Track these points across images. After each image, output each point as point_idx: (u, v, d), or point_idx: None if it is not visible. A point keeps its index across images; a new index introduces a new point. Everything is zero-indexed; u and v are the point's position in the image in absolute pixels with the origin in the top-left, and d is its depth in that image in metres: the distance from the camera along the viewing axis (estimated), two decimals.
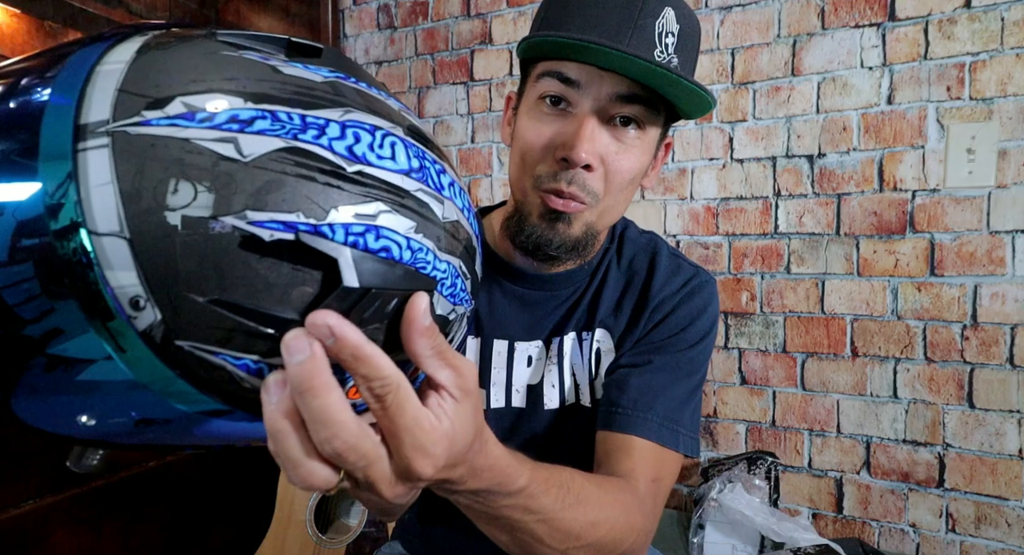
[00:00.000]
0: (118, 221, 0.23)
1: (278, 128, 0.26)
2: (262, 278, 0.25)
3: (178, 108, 0.25)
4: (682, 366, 0.64)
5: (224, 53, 0.28)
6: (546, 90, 0.58)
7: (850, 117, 1.37)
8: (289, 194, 0.25)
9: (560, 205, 0.57)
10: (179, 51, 0.27)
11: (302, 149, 0.26)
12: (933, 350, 1.31)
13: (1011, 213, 1.25)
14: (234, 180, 0.25)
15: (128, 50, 0.26)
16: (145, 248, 0.24)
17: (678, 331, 0.65)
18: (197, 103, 0.25)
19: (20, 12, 1.29)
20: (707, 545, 1.31)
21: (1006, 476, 1.26)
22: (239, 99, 0.26)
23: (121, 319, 0.24)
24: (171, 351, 0.25)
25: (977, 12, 1.26)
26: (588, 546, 0.47)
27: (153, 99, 0.25)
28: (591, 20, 0.54)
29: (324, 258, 0.26)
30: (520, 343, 0.68)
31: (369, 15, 1.93)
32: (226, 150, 0.25)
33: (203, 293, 0.25)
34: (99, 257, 0.23)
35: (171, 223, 0.24)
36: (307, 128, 0.27)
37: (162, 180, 0.24)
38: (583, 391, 0.67)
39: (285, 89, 0.27)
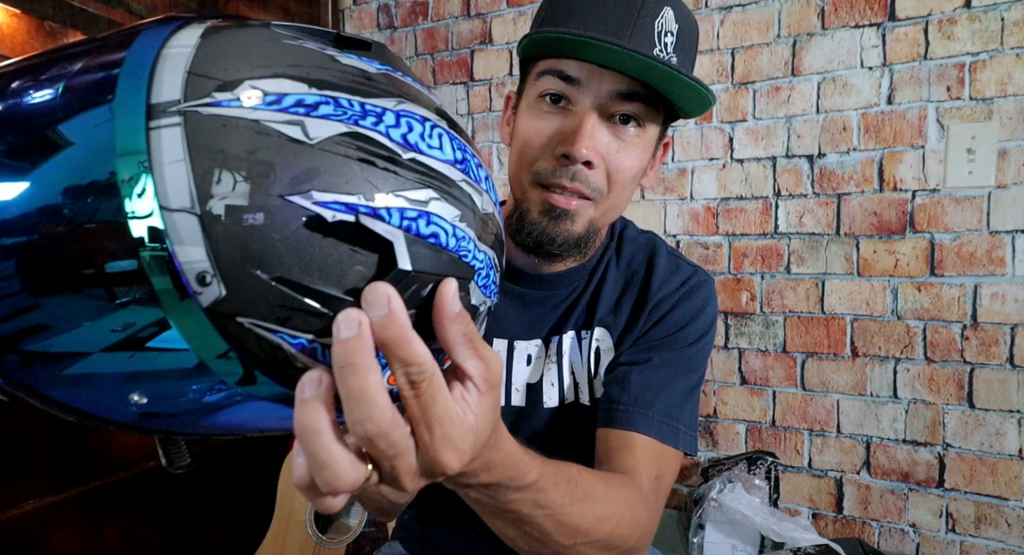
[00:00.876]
0: (190, 197, 0.24)
1: (340, 114, 0.27)
2: (323, 258, 0.26)
3: (248, 92, 0.26)
4: (682, 364, 0.64)
5: (285, 42, 0.29)
6: (546, 88, 0.58)
7: (850, 117, 1.37)
8: (351, 177, 0.26)
9: (562, 203, 0.57)
10: (242, 37, 0.28)
11: (363, 134, 0.27)
12: (933, 350, 1.31)
13: (1011, 213, 1.25)
14: (301, 161, 0.26)
15: (192, 35, 0.27)
16: (214, 224, 0.24)
17: (677, 329, 0.65)
18: (263, 86, 0.26)
19: (20, 12, 1.29)
20: (707, 545, 1.31)
21: (1006, 476, 1.26)
22: (304, 85, 0.27)
23: (188, 294, 0.25)
24: (232, 328, 0.25)
25: (977, 12, 1.26)
26: (595, 542, 0.47)
27: (223, 81, 0.26)
28: (591, 18, 0.54)
29: (381, 241, 0.27)
30: (520, 342, 0.68)
31: (369, 15, 1.93)
32: (294, 132, 0.26)
33: (268, 270, 0.25)
34: (170, 232, 0.24)
35: (240, 201, 0.25)
36: (366, 115, 0.28)
37: (234, 159, 0.25)
38: (582, 390, 0.67)
39: (344, 77, 0.28)
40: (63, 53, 0.28)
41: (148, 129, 0.24)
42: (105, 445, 1.30)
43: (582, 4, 0.55)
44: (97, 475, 1.28)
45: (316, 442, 0.26)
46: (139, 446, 1.37)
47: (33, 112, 0.26)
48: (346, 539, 1.40)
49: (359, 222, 0.26)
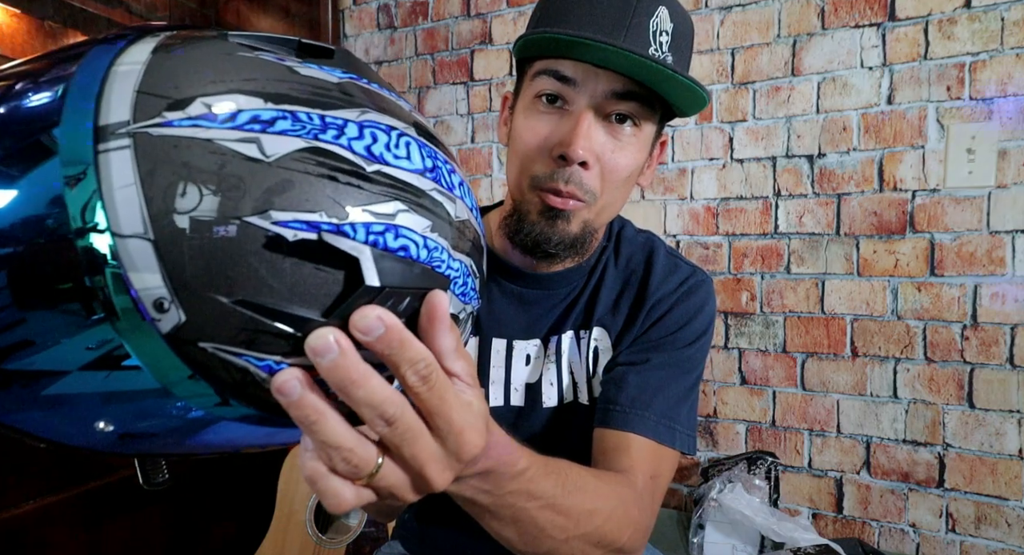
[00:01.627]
0: (142, 223, 0.23)
1: (299, 128, 0.26)
2: (286, 278, 0.25)
3: (199, 109, 0.25)
4: (679, 364, 0.64)
5: (240, 54, 0.28)
6: (542, 89, 0.58)
7: (850, 117, 1.37)
8: (312, 194, 0.26)
9: (559, 203, 0.58)
10: (195, 52, 0.27)
11: (323, 149, 0.26)
12: (933, 350, 1.31)
13: (1011, 213, 1.25)
14: (258, 180, 0.25)
15: (143, 51, 0.26)
16: (170, 249, 0.24)
17: (675, 330, 0.66)
18: (214, 102, 0.25)
19: (20, 12, 1.29)
20: (707, 545, 1.31)
21: (1006, 476, 1.26)
22: (259, 99, 0.26)
23: (145, 321, 0.24)
24: (195, 353, 0.25)
25: (977, 12, 1.26)
26: (587, 535, 0.47)
27: (173, 100, 0.25)
28: (586, 18, 0.54)
29: (346, 257, 0.26)
30: (518, 342, 0.68)
31: (369, 15, 1.93)
32: (249, 150, 0.25)
33: (228, 294, 0.25)
34: (123, 259, 0.23)
35: (196, 223, 0.24)
36: (327, 128, 0.27)
37: (186, 181, 0.24)
38: (581, 389, 0.67)
39: (303, 90, 0.27)
40: (19, 68, 0.27)
41: (96, 152, 0.24)
42: None
43: (577, 4, 0.55)
44: (97, 475, 1.28)
45: (324, 427, 0.27)
46: None
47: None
48: (346, 539, 1.40)
49: (322, 239, 0.26)
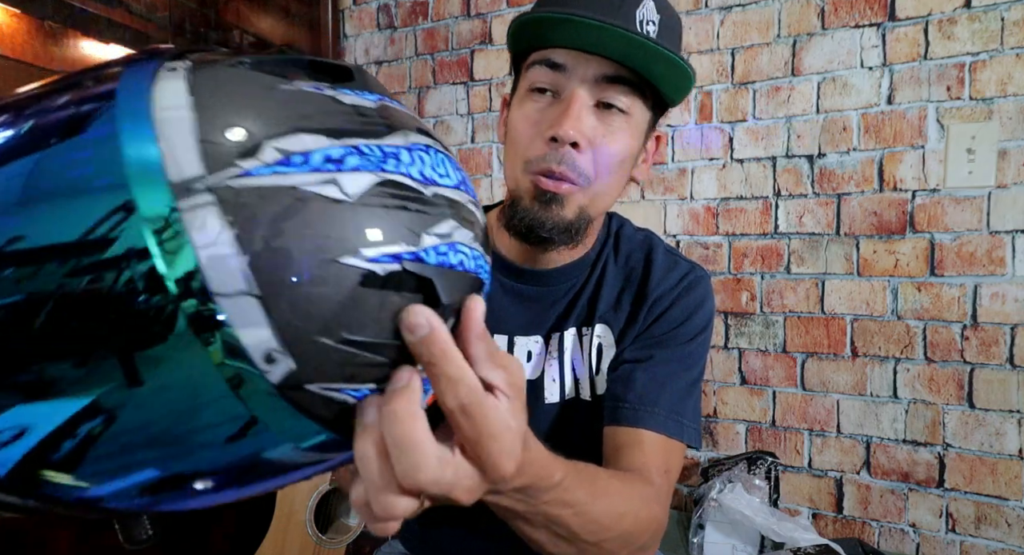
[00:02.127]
0: (244, 280, 0.23)
1: (366, 162, 0.26)
2: (377, 310, 0.26)
3: (273, 154, 0.24)
4: (682, 359, 0.65)
5: (281, 87, 0.27)
6: (535, 79, 0.59)
7: (850, 117, 1.37)
8: (392, 226, 0.26)
9: (552, 186, 0.58)
10: (234, 88, 0.26)
11: (391, 180, 0.27)
12: (933, 350, 1.31)
13: (1011, 213, 1.25)
14: (346, 221, 0.25)
15: (177, 92, 0.25)
16: (275, 301, 0.23)
17: (677, 325, 0.66)
18: (287, 146, 0.25)
19: (20, 12, 1.29)
20: (707, 545, 1.31)
21: (1006, 476, 1.26)
22: (323, 137, 0.26)
23: (256, 374, 0.24)
24: (300, 396, 0.25)
25: (977, 12, 1.26)
26: (617, 537, 0.48)
27: (243, 147, 0.24)
28: (575, 6, 0.56)
29: (423, 281, 0.27)
30: (520, 338, 0.69)
31: (369, 15, 1.93)
32: (332, 192, 0.25)
33: (332, 335, 0.25)
34: (229, 318, 0.23)
35: (297, 271, 0.24)
36: (387, 158, 0.27)
37: (285, 231, 0.24)
38: (583, 385, 0.68)
39: (354, 120, 0.27)
40: (31, 124, 0.25)
41: (180, 211, 0.22)
42: None
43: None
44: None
45: (369, 470, 0.27)
46: None
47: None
48: (346, 539, 1.40)
49: (404, 269, 0.26)
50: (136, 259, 0.22)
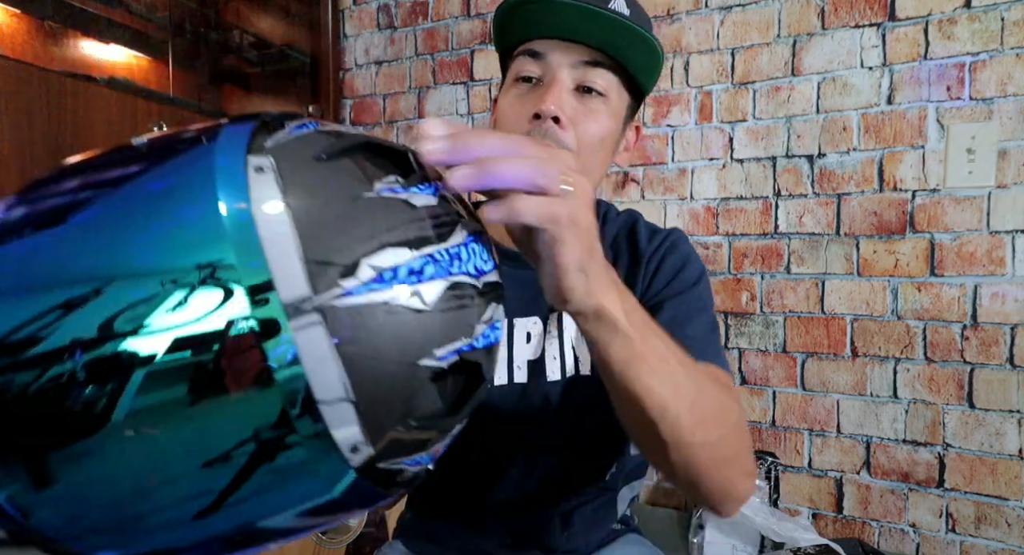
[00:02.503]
0: (343, 388, 0.26)
1: (439, 269, 0.30)
2: (439, 396, 0.31)
3: (368, 273, 0.27)
4: (693, 303, 0.66)
5: (365, 196, 0.29)
6: (519, 70, 0.63)
7: (850, 117, 1.37)
8: (457, 326, 0.30)
9: None
10: (325, 200, 0.28)
11: (457, 282, 0.31)
12: (933, 350, 1.31)
13: (1011, 213, 1.25)
14: (425, 328, 0.29)
15: (273, 204, 0.27)
16: (367, 405, 0.27)
17: (673, 276, 0.68)
18: (380, 263, 0.28)
19: (20, 12, 1.29)
20: (707, 545, 1.31)
21: (1006, 476, 1.26)
22: (406, 250, 0.29)
23: (341, 463, 0.28)
24: (371, 472, 0.29)
25: (977, 12, 1.26)
26: (714, 389, 0.50)
27: (343, 266, 0.27)
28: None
29: (475, 365, 0.32)
30: (519, 319, 0.70)
31: (369, 15, 1.93)
32: (416, 304, 0.29)
33: (406, 424, 0.29)
34: (326, 420, 0.26)
35: (385, 377, 0.28)
36: (452, 260, 0.31)
37: (377, 344, 0.27)
38: (583, 361, 0.69)
39: (427, 225, 0.31)
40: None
41: (293, 330, 0.25)
42: None
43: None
44: None
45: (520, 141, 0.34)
46: None
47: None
48: (346, 539, 1.40)
49: (463, 359, 0.31)
50: (260, 375, 0.25)
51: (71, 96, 1.21)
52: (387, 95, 1.91)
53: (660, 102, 1.55)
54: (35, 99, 1.15)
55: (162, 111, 1.39)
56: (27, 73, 1.14)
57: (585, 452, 0.68)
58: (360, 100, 1.96)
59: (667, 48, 1.54)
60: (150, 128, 1.36)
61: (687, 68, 1.52)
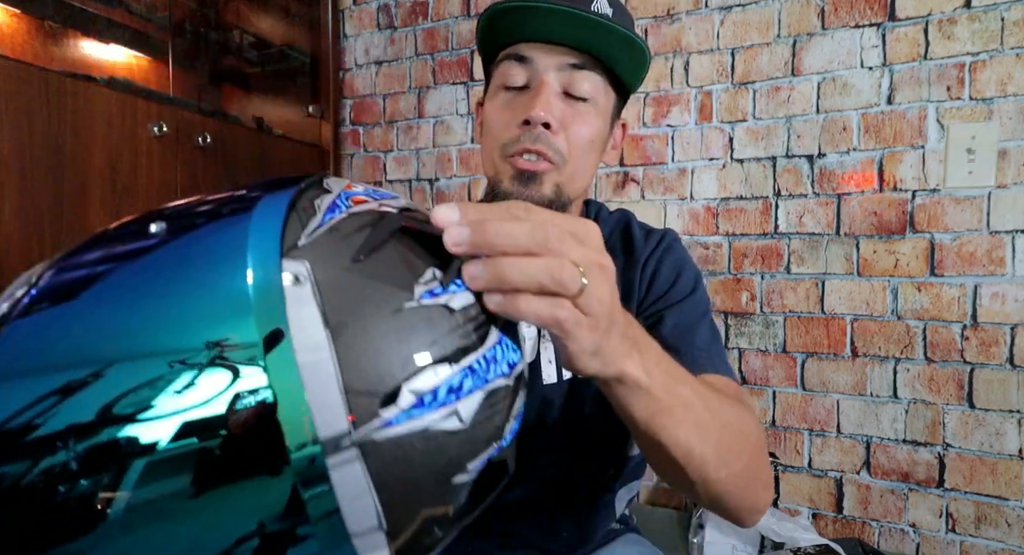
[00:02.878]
0: (377, 520, 0.26)
1: (477, 381, 0.29)
2: (466, 500, 0.30)
3: (409, 399, 0.26)
4: (694, 310, 0.66)
5: (407, 307, 0.28)
6: (505, 75, 0.63)
7: (850, 117, 1.37)
8: (490, 432, 0.30)
9: (529, 166, 0.61)
10: (366, 315, 0.27)
11: (492, 389, 0.30)
12: (933, 350, 1.31)
13: (1011, 213, 1.25)
14: (462, 445, 0.28)
15: (313, 325, 0.25)
16: (400, 534, 0.27)
17: (674, 280, 0.68)
18: (420, 386, 0.27)
19: (20, 12, 1.29)
20: (707, 545, 1.31)
21: (1006, 476, 1.26)
22: (446, 365, 0.28)
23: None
24: None
25: (977, 12, 1.26)
26: (737, 417, 0.49)
27: (383, 395, 0.26)
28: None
29: (500, 463, 0.31)
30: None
31: (369, 15, 1.93)
32: (452, 424, 0.28)
33: (430, 531, 0.29)
34: (359, 549, 0.26)
35: (419, 499, 0.28)
36: (489, 365, 0.30)
37: (413, 471, 0.27)
38: None
39: (467, 332, 0.30)
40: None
41: (327, 467, 0.24)
42: None
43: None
44: None
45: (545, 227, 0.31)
46: None
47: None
48: None
49: (492, 462, 0.30)
50: (292, 513, 0.24)
51: (71, 96, 1.21)
52: (387, 95, 1.91)
53: (660, 102, 1.55)
54: (35, 99, 1.15)
55: (162, 111, 1.39)
56: (27, 73, 1.14)
57: (582, 454, 0.68)
58: (360, 100, 1.96)
59: (667, 48, 1.54)
60: (150, 128, 1.36)
61: (687, 68, 1.52)
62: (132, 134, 1.33)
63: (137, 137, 1.34)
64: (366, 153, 1.96)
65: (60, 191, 1.19)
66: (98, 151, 1.26)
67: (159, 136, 1.37)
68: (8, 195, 1.11)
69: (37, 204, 1.15)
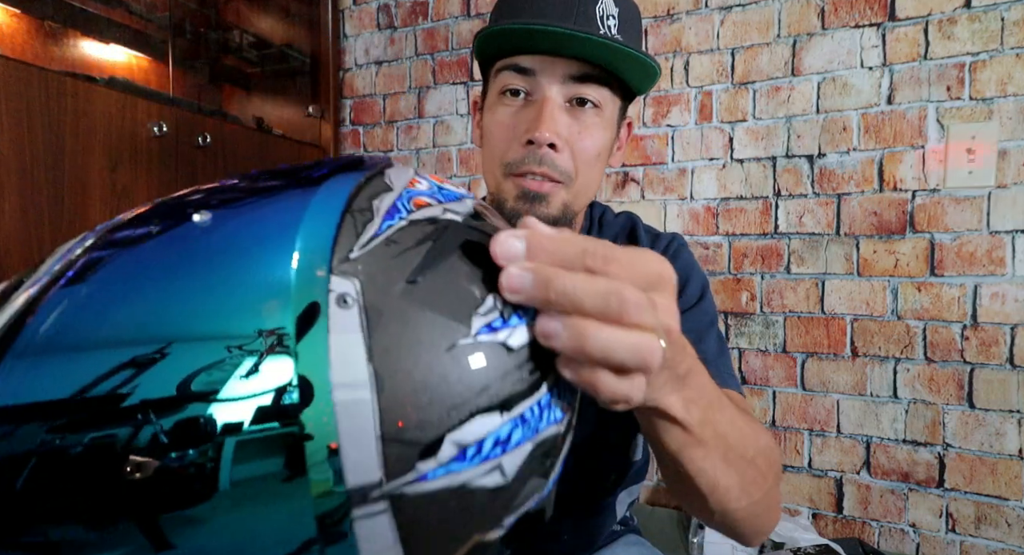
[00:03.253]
0: None
1: (526, 431, 0.26)
2: (497, 550, 0.27)
3: (450, 451, 0.24)
4: (703, 318, 0.66)
5: (461, 343, 0.25)
6: (505, 84, 0.61)
7: (850, 117, 1.37)
8: (534, 486, 0.27)
9: (535, 186, 0.59)
10: (416, 357, 0.24)
11: (542, 440, 0.27)
12: (933, 350, 1.31)
13: (1011, 213, 1.25)
14: (502, 502, 0.26)
15: (356, 357, 0.23)
16: None
17: (683, 287, 0.67)
18: (465, 437, 0.24)
19: (20, 12, 1.29)
20: (707, 545, 1.31)
21: (1006, 476, 1.26)
22: (496, 415, 0.25)
23: None
24: None
25: (977, 12, 1.26)
26: (761, 451, 0.48)
27: (423, 446, 0.23)
28: (537, 10, 0.57)
29: (539, 511, 0.28)
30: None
31: (369, 15, 1.93)
32: (494, 480, 0.25)
33: None
34: None
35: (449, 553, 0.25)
36: (542, 413, 0.27)
37: (446, 527, 0.25)
38: None
39: (522, 375, 0.26)
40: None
41: (352, 519, 0.22)
42: None
43: (528, 0, 0.58)
44: None
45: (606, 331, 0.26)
46: None
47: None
48: None
49: (529, 513, 0.27)
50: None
51: (71, 96, 1.21)
52: (387, 95, 1.91)
53: (660, 102, 1.55)
54: (35, 99, 1.15)
55: (162, 111, 1.39)
56: (27, 73, 1.14)
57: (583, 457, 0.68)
58: (360, 100, 1.96)
59: (667, 48, 1.54)
60: (150, 128, 1.36)
61: (687, 68, 1.52)
62: (132, 134, 1.33)
63: (137, 137, 1.34)
64: (366, 153, 1.96)
65: (60, 191, 1.19)
66: (98, 151, 1.26)
67: (159, 136, 1.37)
68: (8, 195, 1.11)
69: (37, 204, 1.15)
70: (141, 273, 0.25)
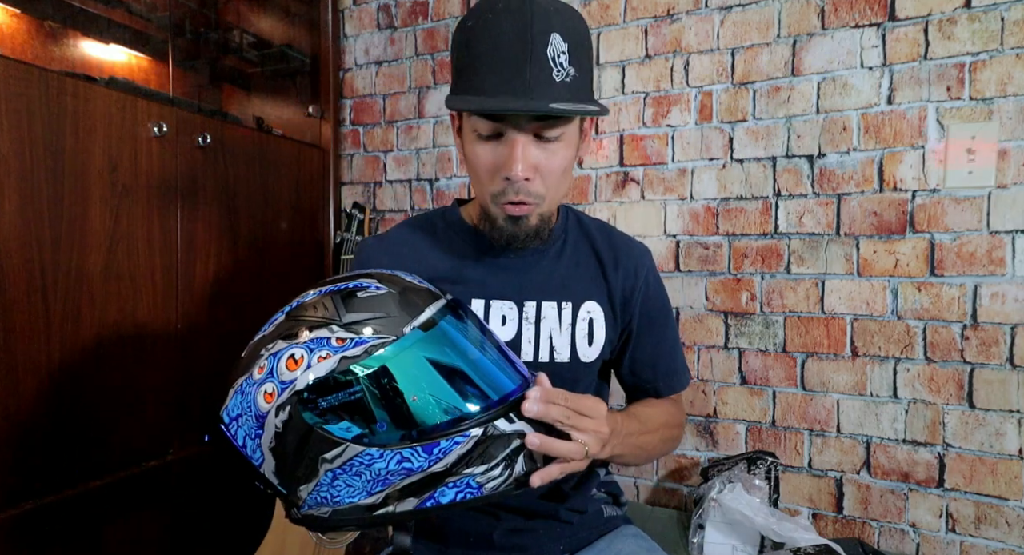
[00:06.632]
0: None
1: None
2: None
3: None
4: (665, 319, 0.91)
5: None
6: (478, 129, 0.71)
7: (850, 117, 1.37)
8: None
9: (517, 211, 0.74)
10: None
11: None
12: (933, 350, 1.31)
13: (1011, 213, 1.25)
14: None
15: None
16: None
17: (654, 298, 0.89)
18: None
19: (20, 12, 1.29)
20: (707, 545, 1.31)
21: (1006, 476, 1.26)
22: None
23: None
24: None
25: (977, 12, 1.26)
26: (668, 437, 0.87)
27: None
28: (493, 65, 0.66)
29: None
30: (495, 302, 0.82)
31: (369, 15, 1.93)
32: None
33: None
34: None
35: None
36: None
37: None
38: (559, 350, 0.82)
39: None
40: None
41: None
42: (104, 444, 1.30)
43: (482, 52, 0.66)
44: (97, 475, 1.28)
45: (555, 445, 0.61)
46: (138, 443, 1.37)
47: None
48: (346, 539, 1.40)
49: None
50: None
51: (71, 96, 1.21)
52: (387, 95, 1.91)
53: (660, 102, 1.55)
54: (35, 99, 1.15)
55: (162, 111, 1.39)
56: (27, 73, 1.14)
57: None
58: (360, 100, 1.96)
59: (667, 48, 1.54)
60: (150, 128, 1.36)
61: (687, 68, 1.52)
62: (132, 134, 1.33)
63: (137, 137, 1.34)
64: (366, 153, 1.96)
65: (60, 191, 1.19)
66: (98, 151, 1.26)
67: (159, 136, 1.37)
68: (8, 195, 1.11)
69: (37, 204, 1.15)
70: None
